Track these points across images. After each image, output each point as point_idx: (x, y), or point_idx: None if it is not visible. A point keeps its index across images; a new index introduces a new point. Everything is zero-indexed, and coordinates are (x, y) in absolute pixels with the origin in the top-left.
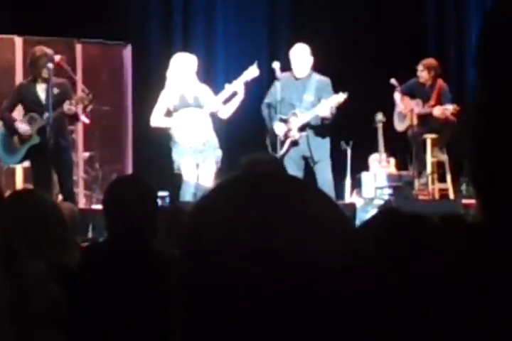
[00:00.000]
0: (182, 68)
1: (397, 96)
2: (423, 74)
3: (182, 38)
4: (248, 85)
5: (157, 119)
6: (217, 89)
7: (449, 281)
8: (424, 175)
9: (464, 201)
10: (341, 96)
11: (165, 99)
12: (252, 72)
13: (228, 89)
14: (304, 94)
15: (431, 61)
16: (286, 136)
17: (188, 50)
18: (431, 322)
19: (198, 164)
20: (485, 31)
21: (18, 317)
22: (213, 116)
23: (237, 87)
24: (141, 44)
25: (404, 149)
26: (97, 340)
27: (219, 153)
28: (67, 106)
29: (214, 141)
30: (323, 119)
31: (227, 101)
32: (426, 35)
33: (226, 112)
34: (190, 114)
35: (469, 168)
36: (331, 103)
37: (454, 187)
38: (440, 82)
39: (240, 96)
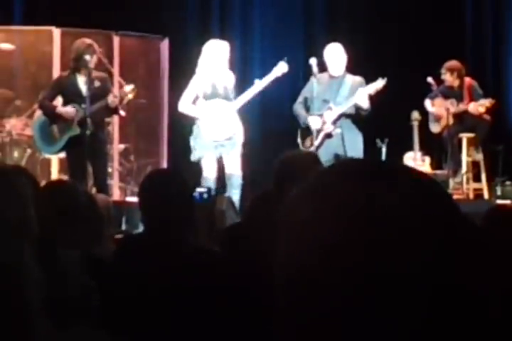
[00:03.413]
0: (215, 55)
1: (427, 103)
2: (447, 76)
3: (219, 31)
4: (278, 80)
5: (185, 106)
6: (252, 81)
7: None
8: (459, 175)
9: (499, 201)
10: (380, 83)
11: (196, 85)
12: (282, 67)
13: (258, 84)
14: (339, 92)
15: (452, 63)
16: (319, 130)
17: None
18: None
19: (220, 156)
20: None
21: (53, 307)
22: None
23: (266, 83)
24: (179, 37)
25: (439, 148)
26: (129, 332)
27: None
28: (111, 99)
29: (240, 134)
30: (358, 109)
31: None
32: (464, 34)
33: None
34: (219, 106)
35: None
36: (369, 90)
37: (488, 187)
38: (467, 80)
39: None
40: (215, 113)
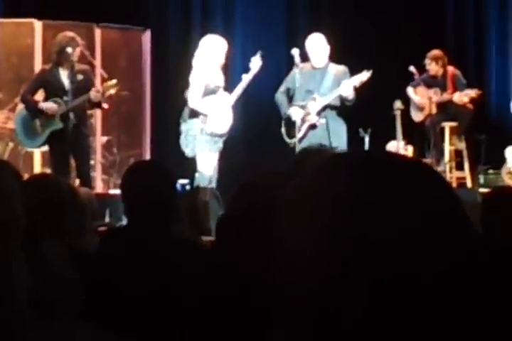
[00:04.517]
0: (214, 51)
1: (410, 90)
2: (432, 66)
3: (201, 23)
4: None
5: (197, 102)
6: (233, 77)
7: None
8: (442, 163)
9: (481, 190)
10: (365, 75)
11: (202, 80)
12: (256, 63)
13: (245, 79)
14: (323, 82)
15: (435, 52)
16: (303, 121)
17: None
18: None
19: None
20: None
21: (37, 302)
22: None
23: (251, 77)
24: (161, 29)
25: (422, 137)
26: (113, 326)
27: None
28: (93, 94)
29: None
30: (343, 101)
31: None
32: (445, 23)
33: None
34: (220, 101)
35: None
36: (354, 82)
37: (471, 176)
38: (450, 69)
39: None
40: (219, 108)
